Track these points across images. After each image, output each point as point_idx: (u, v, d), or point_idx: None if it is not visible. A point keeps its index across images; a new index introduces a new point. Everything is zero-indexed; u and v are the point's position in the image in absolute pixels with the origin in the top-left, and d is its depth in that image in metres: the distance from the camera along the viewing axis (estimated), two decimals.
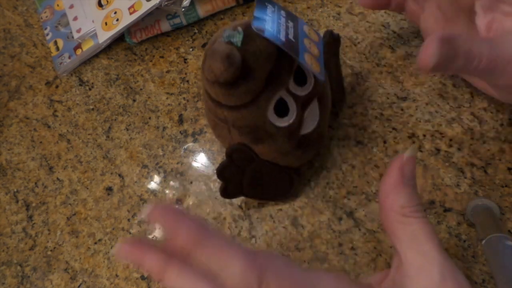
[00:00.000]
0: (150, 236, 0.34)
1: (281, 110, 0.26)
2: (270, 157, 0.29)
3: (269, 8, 0.26)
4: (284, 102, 0.26)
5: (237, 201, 0.34)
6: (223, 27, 0.26)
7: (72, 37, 0.46)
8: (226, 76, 0.23)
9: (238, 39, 0.24)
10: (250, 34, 0.24)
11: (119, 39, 0.44)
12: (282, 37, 0.24)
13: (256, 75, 0.24)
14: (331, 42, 0.30)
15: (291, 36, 0.25)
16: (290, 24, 0.26)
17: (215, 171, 0.35)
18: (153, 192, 0.36)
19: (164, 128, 0.39)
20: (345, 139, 0.34)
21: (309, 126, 0.29)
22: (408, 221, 0.19)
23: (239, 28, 0.24)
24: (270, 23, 0.24)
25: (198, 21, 0.44)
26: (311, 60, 0.25)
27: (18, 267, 0.36)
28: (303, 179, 0.33)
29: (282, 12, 0.27)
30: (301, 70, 0.27)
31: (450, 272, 0.18)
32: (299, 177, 0.32)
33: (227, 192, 0.30)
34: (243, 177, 0.30)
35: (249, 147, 0.28)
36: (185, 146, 0.37)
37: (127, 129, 0.40)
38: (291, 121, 0.27)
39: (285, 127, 0.27)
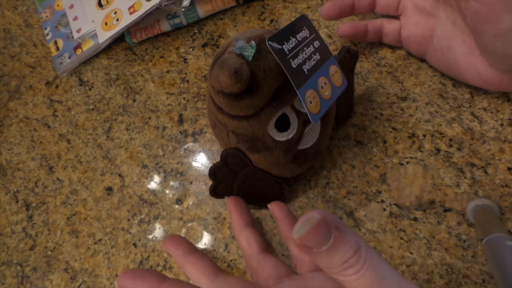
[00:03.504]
0: (150, 236, 0.34)
1: (282, 124, 0.26)
2: (264, 166, 0.29)
3: (303, 33, 0.25)
4: (286, 117, 0.26)
5: None
6: (236, 34, 0.25)
7: (72, 37, 0.46)
8: (231, 89, 0.23)
9: (250, 53, 0.23)
10: (263, 49, 0.23)
11: (119, 39, 0.44)
12: (294, 63, 0.24)
13: (262, 91, 0.24)
14: (348, 58, 0.29)
15: (306, 67, 0.24)
16: (316, 57, 0.25)
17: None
18: (153, 192, 0.36)
19: (164, 128, 0.39)
20: (345, 139, 0.34)
21: (307, 142, 0.28)
22: (341, 279, 0.18)
23: (253, 42, 0.23)
24: (291, 46, 0.24)
25: (198, 21, 0.44)
26: (313, 98, 0.24)
27: (18, 267, 0.36)
28: (293, 187, 0.33)
29: (316, 43, 0.26)
30: None
31: None
32: (289, 188, 0.32)
33: (215, 192, 0.30)
34: (234, 180, 0.30)
35: (245, 153, 0.28)
36: (185, 146, 0.37)
37: (127, 129, 0.40)
38: (290, 136, 0.26)
39: (283, 142, 0.26)
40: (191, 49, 0.43)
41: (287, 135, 0.26)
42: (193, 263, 0.27)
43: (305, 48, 0.25)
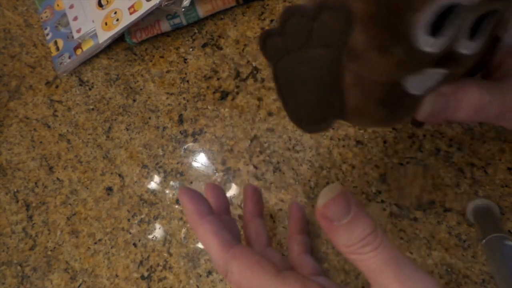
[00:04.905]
0: (150, 236, 0.34)
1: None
2: (352, 82, 0.18)
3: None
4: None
5: (237, 201, 0.34)
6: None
7: (72, 37, 0.46)
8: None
9: None
10: None
11: (119, 39, 0.44)
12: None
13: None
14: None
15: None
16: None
17: (214, 171, 0.35)
18: (153, 192, 0.36)
19: (164, 128, 0.39)
20: (345, 139, 0.34)
21: (420, 88, 0.19)
22: (358, 258, 0.18)
23: None
24: None
25: (198, 21, 0.43)
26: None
27: (18, 267, 0.36)
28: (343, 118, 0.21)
29: None
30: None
31: None
32: (341, 115, 0.20)
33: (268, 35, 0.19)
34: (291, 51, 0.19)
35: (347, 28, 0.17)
36: (185, 146, 0.37)
37: (127, 129, 0.40)
38: (437, 50, 0.16)
39: (424, 52, 0.16)
40: (191, 49, 0.43)
41: (436, 44, 0.16)
42: (209, 224, 0.23)
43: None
